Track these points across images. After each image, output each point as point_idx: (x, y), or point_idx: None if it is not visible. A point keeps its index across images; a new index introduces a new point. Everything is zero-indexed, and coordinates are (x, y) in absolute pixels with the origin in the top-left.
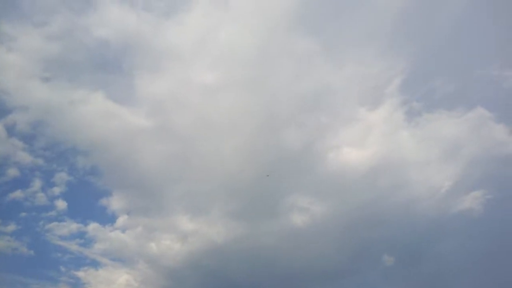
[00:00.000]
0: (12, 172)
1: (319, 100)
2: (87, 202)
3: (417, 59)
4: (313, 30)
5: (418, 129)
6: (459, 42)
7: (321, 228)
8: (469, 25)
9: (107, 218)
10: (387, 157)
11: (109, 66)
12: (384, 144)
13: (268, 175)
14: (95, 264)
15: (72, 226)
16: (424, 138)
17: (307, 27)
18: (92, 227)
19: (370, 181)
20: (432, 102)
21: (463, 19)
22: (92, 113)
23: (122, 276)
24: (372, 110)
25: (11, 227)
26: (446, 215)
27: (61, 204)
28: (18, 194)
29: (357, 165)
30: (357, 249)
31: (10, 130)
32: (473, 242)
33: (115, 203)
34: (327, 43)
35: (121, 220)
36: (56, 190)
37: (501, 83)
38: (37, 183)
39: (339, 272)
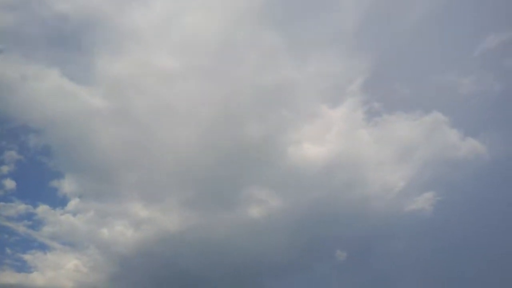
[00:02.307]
0: None
1: (281, 94)
2: (37, 183)
3: (378, 61)
4: (279, 25)
5: (377, 129)
6: (419, 47)
7: (277, 221)
8: (430, 31)
9: (58, 201)
10: (345, 154)
11: (67, 42)
12: (343, 141)
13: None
14: (43, 248)
15: (20, 207)
16: (382, 138)
17: (273, 22)
18: (42, 209)
19: (328, 177)
20: (392, 103)
21: (424, 25)
22: (46, 90)
23: (71, 261)
24: (333, 107)
25: None
26: (398, 214)
27: (9, 184)
28: None
29: (316, 160)
30: (311, 243)
31: None
32: (422, 241)
33: (67, 185)
34: (292, 39)
35: (73, 203)
36: (4, 169)
37: (457, 89)
38: None
39: (293, 265)
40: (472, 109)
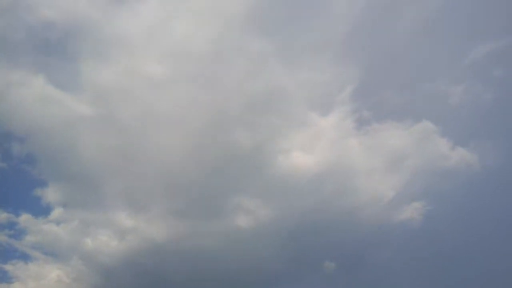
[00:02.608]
0: None
1: (271, 102)
2: (20, 191)
3: (369, 69)
4: (269, 32)
5: (367, 137)
6: (409, 55)
7: (265, 231)
8: (420, 40)
9: (41, 210)
10: (335, 163)
11: (53, 49)
12: (333, 150)
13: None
14: (25, 258)
15: (2, 216)
16: (372, 147)
17: (263, 28)
18: (24, 218)
19: (317, 186)
20: (382, 112)
21: (414, 34)
22: (31, 97)
23: (54, 272)
24: (323, 116)
25: None
26: (388, 224)
27: None
28: None
29: (306, 169)
30: (299, 254)
31: None
32: (411, 251)
33: (50, 194)
34: (282, 46)
35: (56, 212)
36: None
37: (448, 99)
38: None
39: (280, 276)
40: (462, 119)
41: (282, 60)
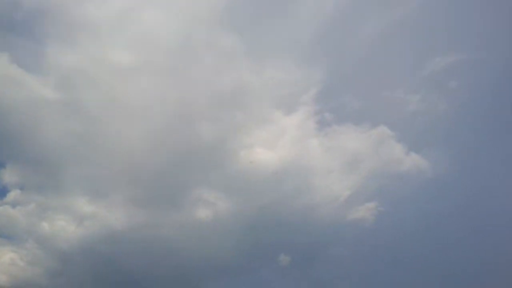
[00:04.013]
0: None
1: (236, 98)
2: None
3: (333, 73)
4: (239, 30)
5: (327, 139)
6: (371, 63)
7: (223, 223)
8: (382, 49)
9: None
10: (295, 161)
11: (19, 28)
12: (294, 149)
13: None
14: None
15: None
16: (331, 148)
17: (232, 26)
18: None
19: (277, 183)
20: (342, 115)
21: (377, 42)
22: None
23: (7, 254)
24: (286, 115)
25: None
26: (341, 222)
27: None
28: None
29: (266, 166)
30: (256, 247)
31: None
32: (362, 249)
33: (7, 176)
34: (251, 44)
35: (13, 194)
36: None
37: (404, 106)
38: None
39: (237, 268)
40: (417, 126)
41: (250, 58)
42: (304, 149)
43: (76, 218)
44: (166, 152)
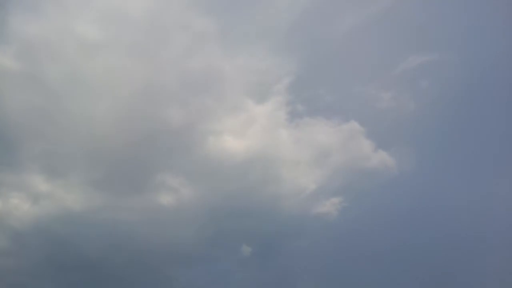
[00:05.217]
0: None
1: (207, 82)
2: None
3: (307, 64)
4: (213, 13)
5: (297, 130)
6: (345, 57)
7: (186, 210)
8: (357, 43)
9: None
10: (263, 151)
11: None
12: (263, 138)
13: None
14: None
15: None
16: (300, 140)
17: (206, 8)
18: None
19: (243, 171)
20: (314, 108)
21: (351, 37)
22: None
23: None
24: (257, 103)
25: None
26: (306, 215)
27: None
28: None
29: (234, 154)
30: (218, 236)
31: None
32: (324, 244)
33: None
34: (225, 29)
35: None
36: None
37: (376, 102)
38: None
39: (198, 257)
40: (386, 123)
41: (223, 42)
42: (273, 140)
43: (31, 197)
44: (130, 134)
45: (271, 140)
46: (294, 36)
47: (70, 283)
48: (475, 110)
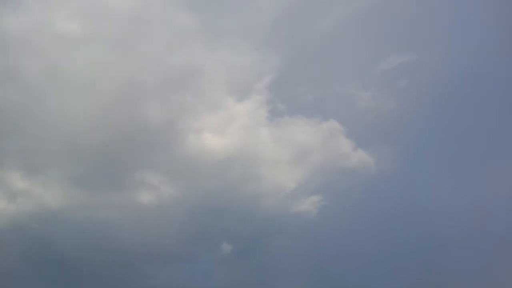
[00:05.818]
0: None
1: (188, 79)
2: None
3: (288, 62)
4: (193, 8)
5: (277, 129)
6: (326, 56)
7: (166, 208)
8: (337, 43)
9: None
10: (243, 149)
11: None
12: (243, 136)
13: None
14: None
15: None
16: (280, 138)
17: (188, 4)
18: None
19: (223, 169)
20: (294, 106)
21: (332, 36)
22: None
23: None
24: (238, 101)
25: None
26: (285, 214)
27: None
28: None
29: (214, 152)
30: (198, 234)
31: None
32: (304, 242)
33: None
34: (206, 25)
35: None
36: None
37: (356, 102)
38: None
39: (178, 255)
40: (366, 123)
41: (204, 39)
42: (253, 138)
43: (8, 194)
44: (109, 130)
45: (251, 139)
46: (275, 34)
47: (48, 281)
48: (454, 110)
